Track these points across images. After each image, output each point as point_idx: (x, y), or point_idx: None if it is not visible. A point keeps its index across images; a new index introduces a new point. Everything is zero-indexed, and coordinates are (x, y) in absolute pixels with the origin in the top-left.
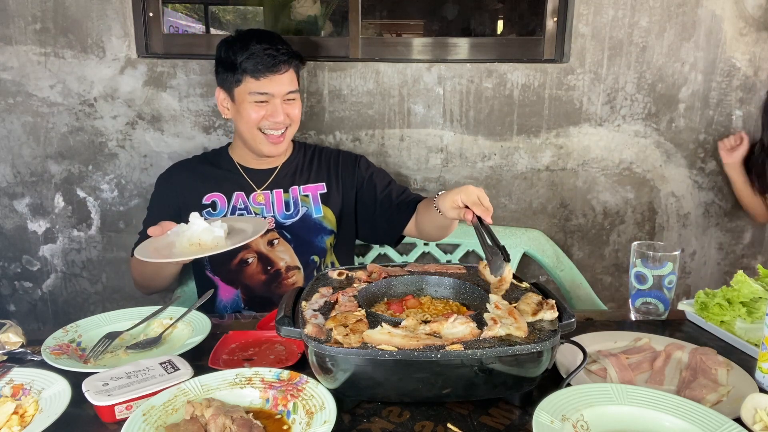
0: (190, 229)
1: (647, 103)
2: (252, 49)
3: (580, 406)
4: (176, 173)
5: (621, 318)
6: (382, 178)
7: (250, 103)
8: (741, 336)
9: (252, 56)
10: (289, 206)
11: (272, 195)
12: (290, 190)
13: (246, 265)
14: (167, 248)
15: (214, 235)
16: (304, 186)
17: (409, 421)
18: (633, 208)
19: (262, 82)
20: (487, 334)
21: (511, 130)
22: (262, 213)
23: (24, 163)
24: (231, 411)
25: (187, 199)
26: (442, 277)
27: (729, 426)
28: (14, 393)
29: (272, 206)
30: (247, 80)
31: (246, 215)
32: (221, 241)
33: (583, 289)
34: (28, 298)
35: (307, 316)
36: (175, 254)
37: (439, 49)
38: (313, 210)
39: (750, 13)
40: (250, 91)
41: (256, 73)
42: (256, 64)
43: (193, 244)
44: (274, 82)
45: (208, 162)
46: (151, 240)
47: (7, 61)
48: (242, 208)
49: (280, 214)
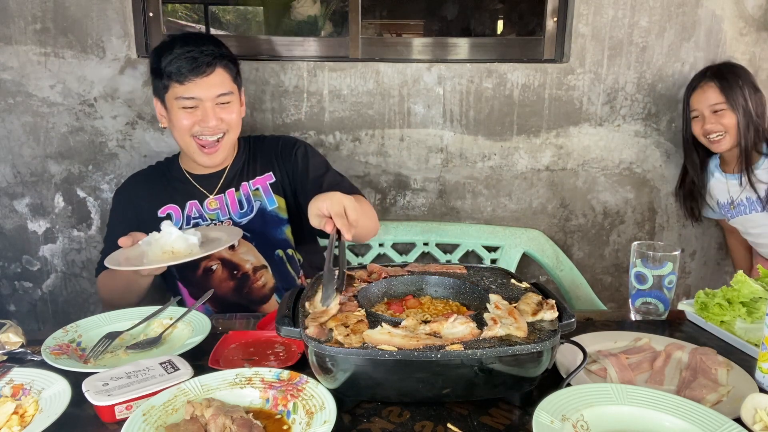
0: (163, 238)
1: (647, 103)
2: (175, 53)
3: (580, 406)
4: (131, 187)
5: (621, 318)
6: (317, 168)
7: (179, 109)
8: (741, 336)
9: (175, 60)
10: (243, 204)
11: (225, 197)
12: (241, 187)
13: (211, 273)
14: (138, 258)
15: (188, 242)
16: (253, 180)
17: (409, 421)
18: (633, 208)
19: (187, 86)
20: (487, 334)
21: (511, 130)
22: (218, 217)
23: (24, 163)
24: (231, 411)
25: (144, 212)
26: (442, 277)
27: (729, 426)
28: (14, 393)
29: (227, 208)
30: (172, 86)
31: (212, 224)
32: (195, 248)
33: (583, 289)
34: (28, 298)
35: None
36: (147, 263)
37: (439, 49)
38: (266, 202)
39: (750, 13)
40: (177, 97)
41: (180, 77)
42: (179, 68)
43: (166, 252)
44: (200, 86)
45: (161, 173)
46: (121, 251)
47: (7, 61)
48: (196, 216)
49: (235, 214)
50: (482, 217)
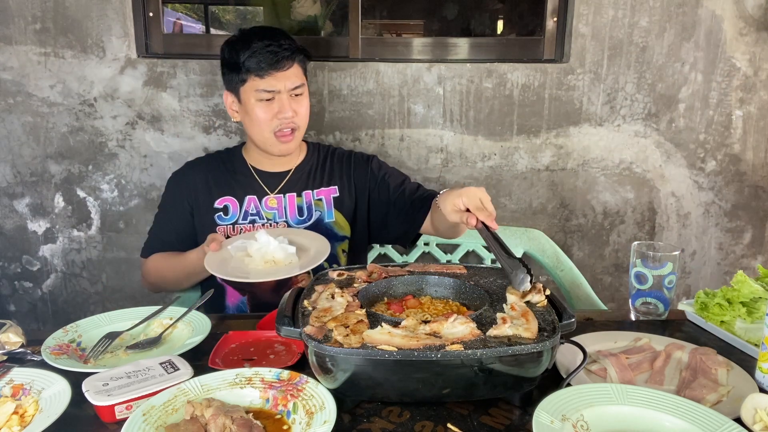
0: (264, 247)
1: (647, 103)
2: (254, 47)
3: (580, 406)
4: (190, 172)
5: (621, 318)
6: (396, 177)
7: (257, 102)
8: (741, 336)
9: (254, 54)
10: (303, 211)
11: (285, 199)
12: (303, 194)
13: None
14: (232, 263)
15: (287, 252)
16: (318, 190)
17: (409, 421)
18: (633, 208)
19: (267, 79)
20: (494, 332)
21: (511, 130)
22: (275, 218)
23: (24, 163)
24: (231, 411)
25: (200, 200)
26: (442, 277)
27: (729, 426)
28: (14, 393)
29: (284, 211)
30: (251, 79)
31: (268, 224)
32: (294, 258)
33: (583, 289)
34: (28, 298)
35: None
36: (252, 273)
37: (439, 49)
38: (326, 215)
39: (750, 13)
40: (256, 89)
41: (260, 71)
42: (259, 62)
43: (268, 261)
44: (279, 79)
45: (222, 162)
46: (212, 254)
47: (7, 61)
48: (254, 213)
49: (292, 218)
50: None
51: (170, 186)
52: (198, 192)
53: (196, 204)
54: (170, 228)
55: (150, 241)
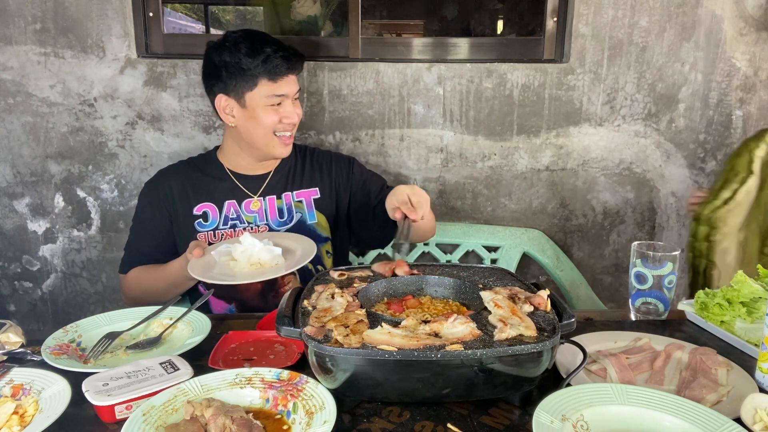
0: (248, 250)
1: (647, 103)
2: (266, 52)
3: (580, 406)
4: (166, 181)
5: (621, 318)
6: (376, 182)
7: (266, 106)
8: (741, 336)
9: (269, 59)
10: (283, 213)
11: (265, 202)
12: (283, 196)
13: None
14: (216, 268)
15: (273, 254)
16: (297, 191)
17: (409, 421)
18: (633, 208)
19: (279, 84)
20: (500, 336)
21: (511, 130)
22: (255, 221)
23: (24, 163)
24: (231, 411)
25: (178, 208)
26: (443, 277)
27: (729, 426)
28: (14, 393)
29: (265, 214)
30: (263, 84)
31: (249, 228)
32: (280, 260)
33: (583, 289)
34: (28, 298)
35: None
36: (238, 275)
37: (439, 49)
38: (307, 216)
39: (750, 13)
40: (267, 95)
41: (275, 75)
42: (275, 67)
43: (254, 264)
44: (289, 83)
45: (197, 169)
46: (195, 261)
47: (7, 61)
48: (234, 217)
49: (273, 221)
50: (482, 217)
51: (145, 196)
52: (175, 200)
53: (174, 212)
54: (149, 239)
55: (128, 255)
